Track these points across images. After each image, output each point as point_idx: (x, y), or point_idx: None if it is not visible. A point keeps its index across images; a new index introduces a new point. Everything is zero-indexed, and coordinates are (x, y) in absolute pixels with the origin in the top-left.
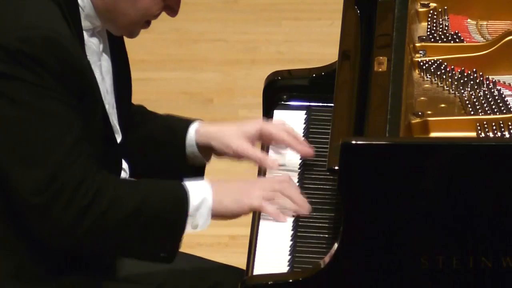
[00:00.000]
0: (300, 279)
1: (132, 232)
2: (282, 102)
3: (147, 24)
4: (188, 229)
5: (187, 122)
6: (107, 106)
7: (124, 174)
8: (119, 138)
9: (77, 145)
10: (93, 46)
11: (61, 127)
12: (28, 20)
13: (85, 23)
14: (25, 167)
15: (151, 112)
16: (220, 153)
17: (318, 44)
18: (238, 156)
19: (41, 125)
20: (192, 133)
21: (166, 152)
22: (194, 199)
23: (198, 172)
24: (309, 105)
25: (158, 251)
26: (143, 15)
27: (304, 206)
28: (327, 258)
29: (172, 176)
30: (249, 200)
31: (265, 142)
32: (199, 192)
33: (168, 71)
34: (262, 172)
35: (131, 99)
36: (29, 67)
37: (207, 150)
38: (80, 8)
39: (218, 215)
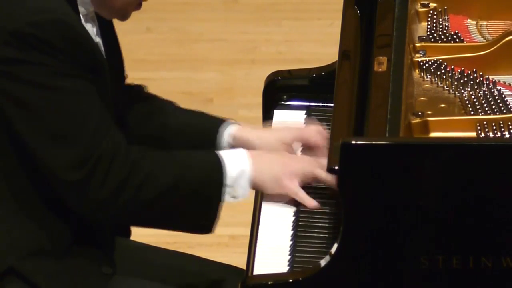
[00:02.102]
0: (300, 279)
1: (169, 204)
2: (282, 102)
3: (139, 5)
4: (228, 200)
5: (217, 124)
6: None
7: None
8: None
9: (103, 118)
10: (89, 30)
11: (85, 101)
12: (35, 5)
13: (80, 9)
14: (58, 147)
15: (183, 109)
16: (259, 142)
17: (318, 44)
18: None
19: (65, 103)
20: (227, 137)
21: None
22: (231, 170)
23: None
24: (309, 105)
25: (196, 222)
26: None
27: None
28: (327, 258)
29: None
30: (287, 183)
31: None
32: (237, 163)
33: (168, 71)
34: None
35: (124, 81)
36: (43, 50)
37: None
38: None
39: (257, 187)
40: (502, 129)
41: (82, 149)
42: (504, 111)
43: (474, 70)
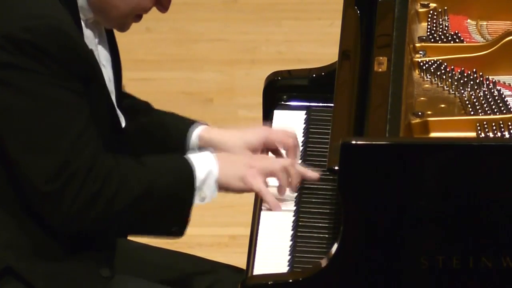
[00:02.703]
0: (300, 279)
1: (142, 212)
2: (282, 102)
3: (138, 18)
4: (197, 202)
5: (188, 125)
6: (112, 96)
7: None
8: (123, 123)
9: (86, 131)
10: (89, 36)
11: (70, 114)
12: (31, 10)
13: (80, 15)
14: (36, 155)
15: (156, 110)
16: (224, 145)
17: (318, 44)
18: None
19: (50, 113)
20: (195, 138)
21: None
22: (200, 172)
23: None
24: (309, 105)
25: (169, 227)
26: (134, 9)
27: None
28: (327, 258)
29: None
30: (251, 180)
31: (269, 148)
32: (204, 165)
33: (168, 71)
34: None
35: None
36: (35, 57)
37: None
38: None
39: (223, 187)
40: (502, 129)
41: (59, 160)
42: (504, 111)
43: (474, 70)
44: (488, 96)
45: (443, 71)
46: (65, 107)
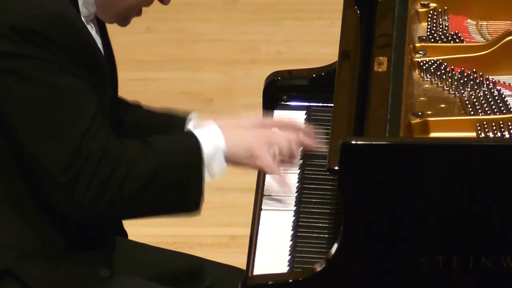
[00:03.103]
0: (300, 279)
1: (154, 193)
2: (282, 102)
3: (139, 12)
4: (207, 178)
5: (183, 119)
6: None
7: None
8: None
9: (96, 117)
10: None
11: (80, 100)
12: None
13: (82, 9)
14: (50, 144)
15: (147, 109)
16: None
17: (318, 44)
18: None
19: (60, 100)
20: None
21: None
22: (207, 147)
23: None
24: (309, 105)
25: (183, 205)
26: (138, 3)
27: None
28: (327, 258)
29: None
30: (260, 152)
31: None
32: (211, 139)
33: (168, 71)
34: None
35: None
36: (41, 45)
37: None
38: None
39: (231, 159)
40: (502, 129)
41: (72, 148)
42: (504, 111)
43: (474, 70)
44: (488, 96)
45: (443, 71)
46: (74, 93)
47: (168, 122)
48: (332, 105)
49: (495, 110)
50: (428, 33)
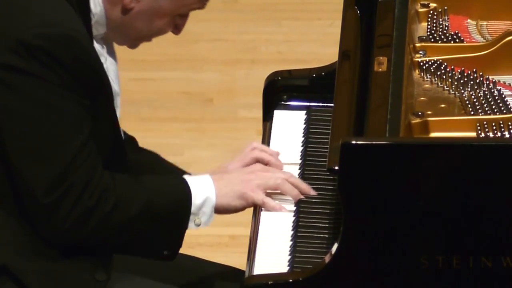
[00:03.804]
0: (300, 279)
1: (135, 232)
2: (282, 102)
3: (150, 38)
4: (191, 227)
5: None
6: (117, 110)
7: None
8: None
9: (87, 145)
10: (99, 50)
11: (73, 126)
12: (48, 17)
13: (94, 28)
14: (36, 163)
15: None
16: None
17: (318, 44)
18: None
19: (54, 123)
20: None
21: None
22: (197, 198)
23: None
24: (309, 105)
25: (161, 250)
26: (153, 34)
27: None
28: (327, 258)
29: None
30: (252, 194)
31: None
32: (202, 191)
33: (168, 71)
34: None
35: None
36: (47, 65)
37: None
38: (91, 13)
39: (221, 210)
40: (502, 129)
41: (58, 170)
42: (504, 111)
43: (474, 70)
44: (488, 96)
45: (443, 71)
46: (69, 118)
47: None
48: (332, 105)
49: (495, 110)
50: (428, 33)
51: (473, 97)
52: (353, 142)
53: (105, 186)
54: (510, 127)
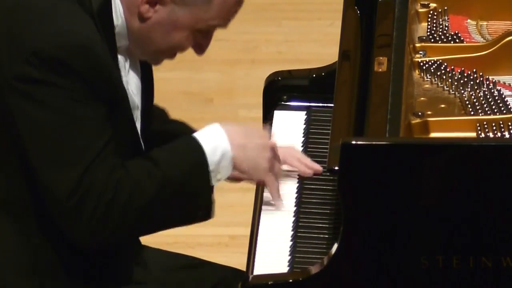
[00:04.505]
0: (300, 279)
1: (162, 209)
2: (282, 102)
3: (173, 55)
4: (214, 183)
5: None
6: (137, 123)
7: None
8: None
9: (105, 150)
10: (121, 61)
11: (91, 132)
12: (63, 27)
13: (117, 39)
14: (56, 170)
15: (172, 120)
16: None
17: (318, 44)
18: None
19: (72, 129)
20: None
21: None
22: (213, 155)
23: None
24: (309, 105)
25: (194, 213)
26: (172, 48)
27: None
28: (327, 258)
29: None
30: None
31: None
32: (217, 146)
33: (168, 71)
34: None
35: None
36: (63, 74)
37: None
38: (114, 24)
39: (236, 167)
40: (502, 129)
41: (77, 176)
42: (504, 111)
43: (474, 70)
44: (488, 96)
45: (443, 71)
46: (87, 125)
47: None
48: (332, 105)
49: (495, 110)
50: (428, 33)
51: (473, 97)
52: (353, 142)
53: (118, 177)
54: (510, 127)
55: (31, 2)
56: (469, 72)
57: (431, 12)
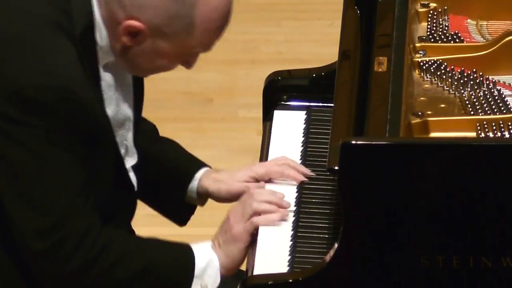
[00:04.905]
0: (300, 279)
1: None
2: (282, 102)
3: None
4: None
5: (195, 167)
6: (126, 132)
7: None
8: (133, 161)
9: (82, 195)
10: (108, 78)
11: (68, 176)
12: (44, 67)
13: (101, 56)
14: (29, 212)
15: (162, 138)
16: (217, 199)
17: (318, 44)
18: (233, 196)
19: (48, 172)
20: (196, 180)
21: (168, 187)
22: (200, 261)
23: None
24: (309, 105)
25: None
26: (158, 70)
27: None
28: (327, 258)
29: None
30: (239, 232)
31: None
32: (204, 254)
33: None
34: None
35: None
36: (42, 115)
37: (205, 197)
38: (97, 45)
39: (231, 267)
40: (502, 129)
41: (52, 220)
42: (504, 111)
43: (474, 70)
44: (488, 96)
45: (443, 71)
46: (64, 168)
47: (180, 165)
48: (332, 105)
49: (495, 110)
50: (428, 33)
51: (473, 97)
52: (353, 142)
53: (106, 241)
54: (510, 127)
55: (14, 32)
56: (469, 72)
57: (431, 12)
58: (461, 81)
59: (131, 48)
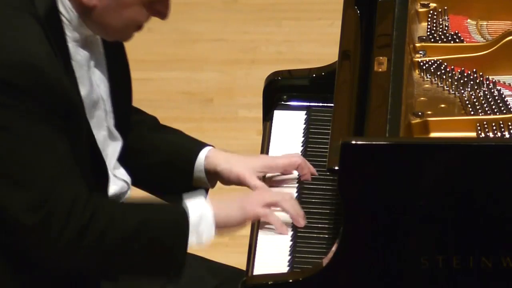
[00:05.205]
0: (300, 279)
1: (133, 252)
2: (282, 102)
3: (138, 28)
4: (193, 245)
5: (199, 146)
6: (103, 114)
7: (125, 186)
8: (117, 146)
9: (63, 165)
10: (81, 57)
11: (44, 147)
12: (8, 43)
13: (73, 34)
14: (14, 189)
15: (164, 126)
16: (225, 178)
17: (318, 44)
18: (240, 183)
19: (26, 147)
20: (202, 158)
21: (173, 171)
22: (192, 217)
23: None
24: (309, 105)
25: (164, 270)
26: (130, 25)
27: (299, 220)
28: (327, 258)
29: (174, 192)
30: (252, 207)
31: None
32: (197, 209)
33: (168, 71)
34: None
35: (131, 102)
36: (9, 93)
37: (214, 176)
38: (65, 21)
39: (223, 225)
40: (502, 129)
41: (38, 193)
42: (504, 111)
43: (474, 70)
44: (488, 96)
45: (443, 71)
46: (41, 141)
47: (183, 147)
48: (332, 105)
49: (495, 110)
50: (428, 33)
51: (473, 97)
52: (353, 142)
53: (96, 206)
54: (510, 127)
55: None
56: (469, 72)
57: (431, 12)
58: (461, 81)
59: (95, 7)
